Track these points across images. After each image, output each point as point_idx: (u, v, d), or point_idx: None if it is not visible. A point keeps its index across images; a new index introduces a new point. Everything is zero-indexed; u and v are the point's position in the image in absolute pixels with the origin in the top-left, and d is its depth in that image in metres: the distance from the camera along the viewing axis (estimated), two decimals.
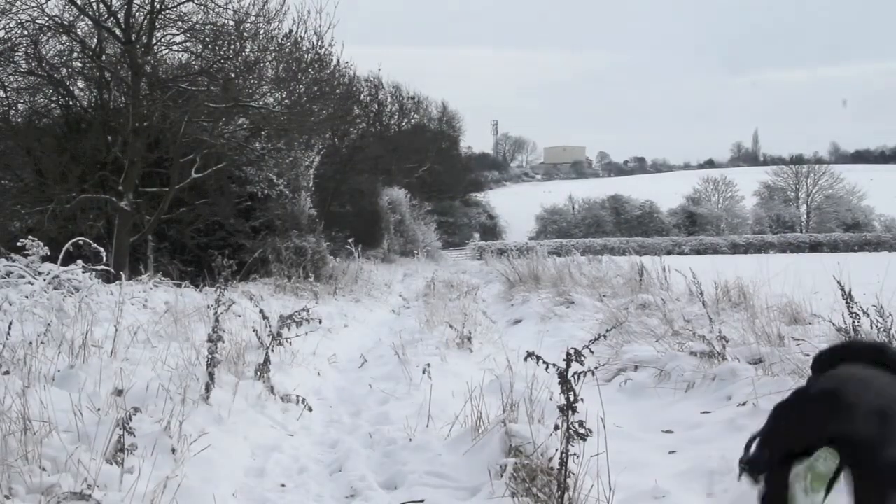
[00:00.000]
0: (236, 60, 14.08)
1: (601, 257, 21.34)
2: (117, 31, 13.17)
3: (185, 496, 3.78)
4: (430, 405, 5.47)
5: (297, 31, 14.83)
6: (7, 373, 5.22)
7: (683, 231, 54.43)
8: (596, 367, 6.32)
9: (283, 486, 4.52)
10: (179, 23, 13.75)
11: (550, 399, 4.87)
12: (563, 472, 3.51)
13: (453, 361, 7.82)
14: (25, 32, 13.31)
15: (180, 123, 13.50)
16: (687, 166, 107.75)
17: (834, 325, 5.93)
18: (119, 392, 4.99)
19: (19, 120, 14.84)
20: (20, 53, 13.72)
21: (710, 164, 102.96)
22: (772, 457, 1.07)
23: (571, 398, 3.52)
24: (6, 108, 14.43)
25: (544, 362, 3.79)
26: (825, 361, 1.08)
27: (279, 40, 14.77)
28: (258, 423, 5.55)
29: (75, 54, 14.59)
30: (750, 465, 1.18)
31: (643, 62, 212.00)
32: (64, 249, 8.90)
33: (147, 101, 13.46)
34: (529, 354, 3.90)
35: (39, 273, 8.67)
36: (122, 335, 6.80)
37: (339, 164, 28.83)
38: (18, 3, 12.74)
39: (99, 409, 4.59)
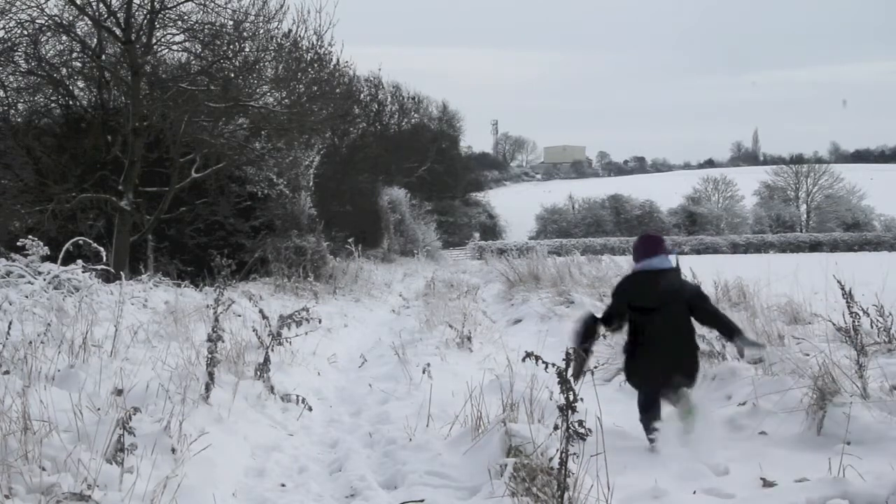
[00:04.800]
0: (236, 60, 14.06)
1: (601, 257, 21.32)
2: (117, 31, 13.14)
3: (185, 496, 3.78)
4: (430, 405, 5.47)
5: (296, 31, 14.81)
6: (7, 372, 5.22)
7: (683, 231, 54.38)
8: (596, 367, 6.33)
9: (283, 485, 4.52)
10: (179, 22, 13.73)
11: (550, 399, 4.88)
12: (562, 471, 3.51)
13: (453, 361, 7.83)
14: (25, 32, 13.30)
15: (180, 123, 13.49)
16: (687, 166, 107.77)
17: (834, 324, 5.93)
18: (119, 392, 4.99)
19: (19, 120, 14.83)
20: (20, 53, 13.71)
21: (710, 163, 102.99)
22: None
23: (571, 398, 3.52)
24: (6, 108, 14.42)
25: (544, 362, 3.79)
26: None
27: (279, 40, 14.75)
28: (258, 422, 5.55)
29: (75, 54, 14.58)
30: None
31: (643, 62, 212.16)
32: (64, 249, 8.90)
33: (147, 101, 13.44)
34: (529, 354, 3.90)
35: (39, 273, 8.67)
36: (122, 335, 6.80)
37: (339, 164, 28.82)
38: (18, 3, 12.74)
39: (99, 409, 4.59)
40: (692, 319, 5.07)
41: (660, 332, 4.93)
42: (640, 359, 5.04)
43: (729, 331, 5.07)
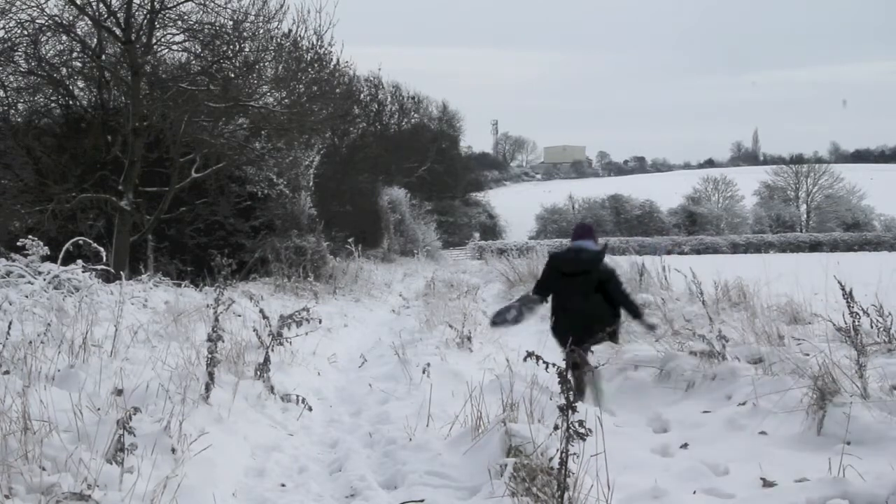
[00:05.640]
0: (236, 60, 14.06)
1: None
2: (117, 31, 13.14)
3: (185, 496, 3.78)
4: (430, 405, 5.47)
5: (296, 31, 14.81)
6: (7, 372, 5.22)
7: (683, 231, 54.39)
8: (596, 367, 6.33)
9: (283, 485, 4.52)
10: (179, 22, 13.73)
11: (550, 399, 4.88)
12: (562, 471, 3.51)
13: (453, 361, 7.83)
14: (25, 32, 13.29)
15: (180, 123, 13.49)
16: (687, 166, 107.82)
17: (834, 324, 5.92)
18: (119, 392, 4.99)
19: (19, 120, 14.83)
20: (20, 53, 13.70)
21: (710, 163, 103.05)
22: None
23: (571, 398, 3.52)
24: (6, 108, 14.42)
25: (544, 362, 3.79)
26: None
27: (278, 40, 14.75)
28: (258, 422, 5.54)
29: (75, 54, 14.58)
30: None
31: (643, 62, 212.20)
32: (64, 249, 8.90)
33: (147, 100, 13.44)
34: (529, 354, 3.89)
35: (39, 273, 8.67)
36: (122, 335, 6.81)
37: (339, 164, 28.81)
38: (18, 3, 12.73)
39: (99, 409, 4.59)
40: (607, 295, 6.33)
41: (577, 294, 6.18)
42: (562, 315, 6.27)
43: (633, 312, 6.41)
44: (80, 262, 9.16)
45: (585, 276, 6.24)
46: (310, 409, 5.97)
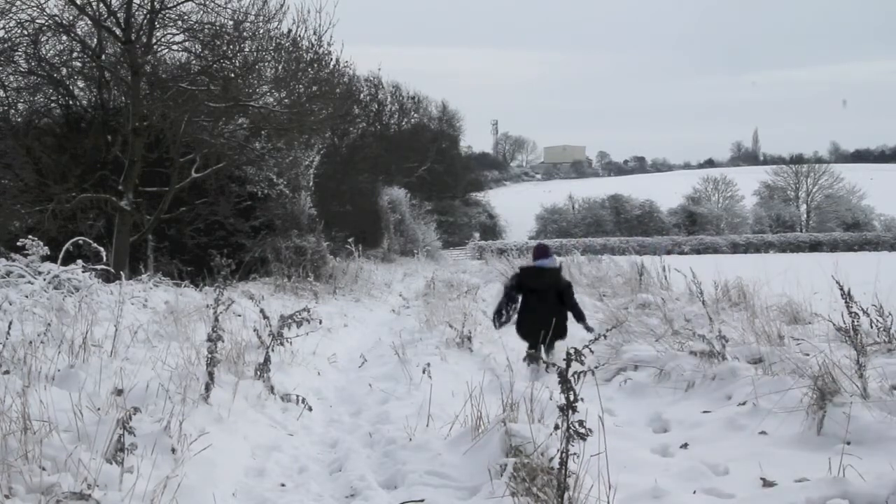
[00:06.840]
0: (236, 60, 14.05)
1: (601, 257, 21.38)
2: (117, 31, 13.14)
3: (185, 496, 3.78)
4: (430, 405, 5.47)
5: (296, 31, 14.80)
6: (7, 372, 5.22)
7: (683, 231, 54.39)
8: (596, 367, 6.31)
9: (282, 485, 4.52)
10: (179, 22, 13.72)
11: (550, 399, 4.87)
12: (563, 471, 3.51)
13: (453, 361, 7.83)
14: (25, 32, 13.29)
15: (180, 123, 13.48)
16: (687, 166, 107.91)
17: (834, 324, 5.92)
18: (119, 392, 4.99)
19: (19, 120, 14.83)
20: (20, 53, 13.70)
21: (710, 163, 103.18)
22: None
23: (571, 398, 3.52)
24: (6, 108, 14.42)
25: (544, 362, 3.78)
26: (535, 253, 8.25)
27: (278, 40, 14.75)
28: (258, 422, 5.54)
29: (75, 54, 14.58)
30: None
31: (643, 62, 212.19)
32: (64, 249, 8.91)
33: (147, 100, 13.43)
34: (529, 354, 3.89)
35: (39, 273, 8.67)
36: (122, 335, 6.80)
37: (339, 164, 28.80)
38: (18, 3, 12.73)
39: (99, 409, 4.59)
40: (563, 302, 7.82)
41: (540, 306, 7.64)
42: (526, 321, 7.75)
43: (578, 316, 7.83)
44: (80, 262, 9.17)
45: (547, 290, 7.78)
46: (310, 408, 5.97)
